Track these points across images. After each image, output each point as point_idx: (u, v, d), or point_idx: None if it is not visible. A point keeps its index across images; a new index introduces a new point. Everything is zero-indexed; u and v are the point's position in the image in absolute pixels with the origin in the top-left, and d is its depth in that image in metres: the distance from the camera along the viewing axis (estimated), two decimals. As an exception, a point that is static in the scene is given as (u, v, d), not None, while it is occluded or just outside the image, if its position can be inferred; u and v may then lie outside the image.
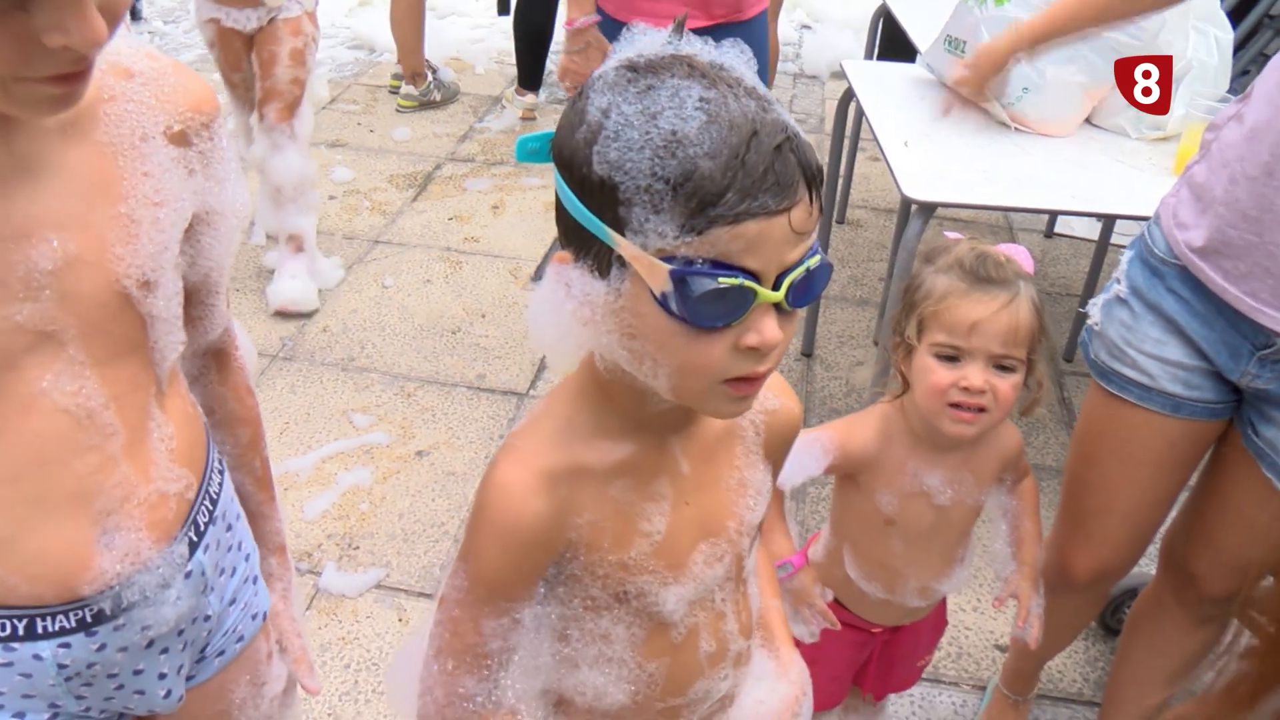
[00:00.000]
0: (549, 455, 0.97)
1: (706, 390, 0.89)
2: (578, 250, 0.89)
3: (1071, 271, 4.11)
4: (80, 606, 1.04)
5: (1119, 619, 2.49)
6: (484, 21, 6.52)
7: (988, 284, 1.51)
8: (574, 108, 0.87)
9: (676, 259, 0.82)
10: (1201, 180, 1.58)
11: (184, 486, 1.11)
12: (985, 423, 1.54)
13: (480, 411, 3.20)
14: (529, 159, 0.94)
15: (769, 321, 0.86)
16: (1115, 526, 1.80)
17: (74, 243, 0.95)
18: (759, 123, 0.82)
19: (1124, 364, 1.69)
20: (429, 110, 5.27)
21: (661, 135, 0.80)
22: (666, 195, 0.80)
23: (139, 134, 1.00)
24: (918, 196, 2.33)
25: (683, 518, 1.04)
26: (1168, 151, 2.59)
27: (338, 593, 2.55)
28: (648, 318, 0.85)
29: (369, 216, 4.28)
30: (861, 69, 3.17)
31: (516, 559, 0.97)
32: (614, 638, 1.06)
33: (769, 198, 0.81)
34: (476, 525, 0.98)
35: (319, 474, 2.92)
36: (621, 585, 1.03)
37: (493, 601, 0.98)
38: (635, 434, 1.00)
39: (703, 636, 1.10)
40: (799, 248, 0.85)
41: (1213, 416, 1.67)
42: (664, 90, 0.82)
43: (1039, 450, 3.15)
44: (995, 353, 1.50)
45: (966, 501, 1.67)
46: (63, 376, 0.97)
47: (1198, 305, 1.60)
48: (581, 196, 0.85)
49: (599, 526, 1.00)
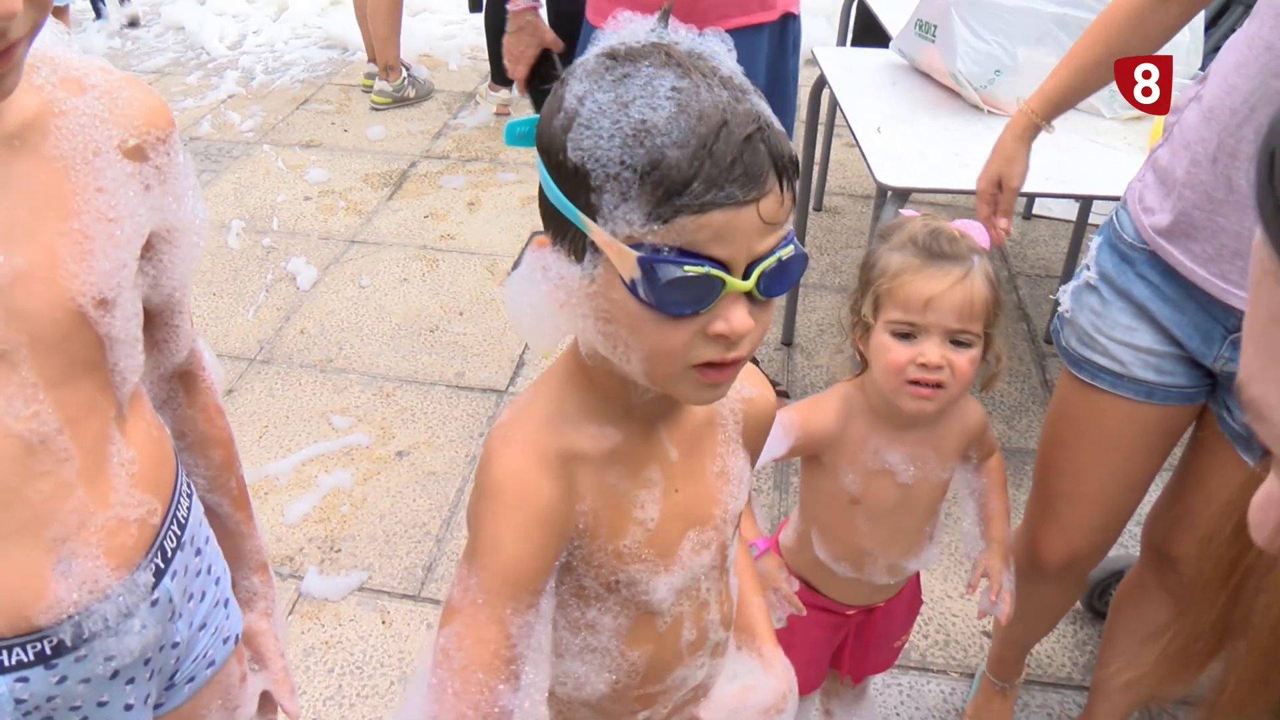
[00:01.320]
0: (546, 441, 0.96)
1: (677, 375, 0.89)
2: (555, 234, 0.90)
3: (1051, 253, 4.11)
4: (38, 638, 1.00)
5: (1106, 602, 2.49)
6: (456, 18, 6.48)
7: (941, 259, 1.51)
8: (555, 94, 0.88)
9: (644, 246, 0.82)
10: (1165, 163, 1.57)
11: (146, 512, 1.08)
12: (943, 398, 1.54)
13: (460, 410, 3.18)
14: (517, 143, 0.95)
15: (738, 310, 0.86)
16: (1086, 512, 1.79)
17: (22, 257, 0.92)
18: (730, 113, 0.82)
19: (1095, 351, 1.68)
20: (403, 108, 5.24)
21: (631, 124, 0.81)
22: (634, 183, 0.81)
23: (91, 148, 0.98)
24: (892, 182, 2.32)
25: (672, 505, 1.04)
26: (1142, 131, 2.59)
27: (320, 596, 2.53)
28: (619, 303, 0.86)
29: (344, 216, 4.25)
30: (833, 56, 3.16)
31: (536, 544, 0.93)
32: (600, 627, 1.05)
33: (736, 188, 0.81)
34: (487, 514, 0.93)
35: (299, 477, 2.90)
36: (614, 574, 1.02)
37: (516, 596, 0.92)
38: (623, 420, 1.00)
39: (685, 625, 1.10)
40: (770, 238, 0.85)
41: (1186, 401, 1.66)
42: (638, 79, 0.83)
43: (1021, 434, 3.14)
44: (951, 328, 1.50)
45: (930, 479, 1.66)
46: (15, 399, 0.94)
47: (1168, 290, 1.59)
48: (558, 182, 0.86)
49: (598, 514, 0.99)
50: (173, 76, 5.62)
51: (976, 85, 2.65)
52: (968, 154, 2.46)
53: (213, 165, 4.61)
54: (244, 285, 3.76)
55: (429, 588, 2.56)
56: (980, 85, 2.65)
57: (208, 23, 6.14)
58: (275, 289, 3.76)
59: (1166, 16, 1.66)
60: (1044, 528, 1.84)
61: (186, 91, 5.41)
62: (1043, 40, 2.55)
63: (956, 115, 2.68)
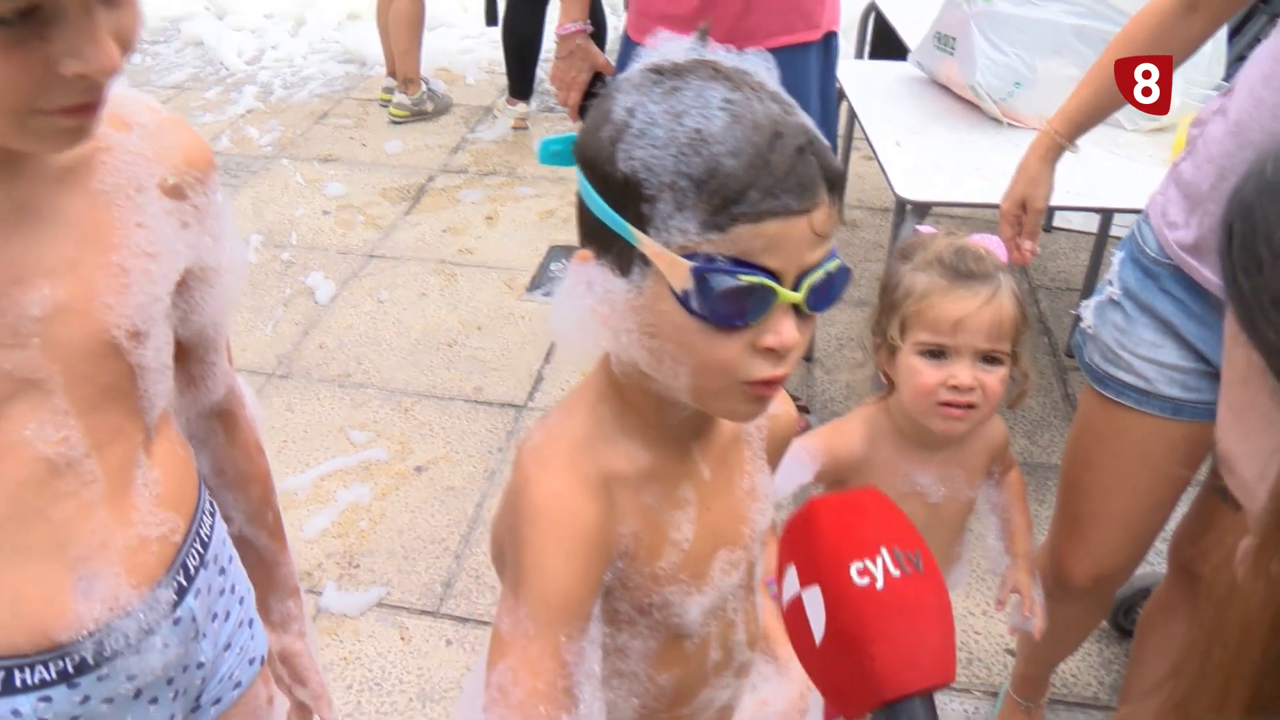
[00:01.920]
0: (584, 463, 0.95)
1: (724, 390, 0.88)
2: (599, 248, 0.89)
3: (1072, 266, 4.08)
4: (60, 655, 1.01)
5: (1131, 620, 2.46)
6: (473, 32, 6.49)
7: (969, 279, 1.49)
8: (599, 108, 0.88)
9: (698, 256, 0.82)
10: (1189, 177, 1.55)
11: (169, 530, 1.08)
12: (975, 419, 1.53)
13: (478, 425, 3.18)
14: (551, 161, 0.94)
15: (788, 322, 0.85)
16: (1112, 531, 1.77)
17: (64, 290, 0.94)
18: (782, 124, 0.82)
19: (1119, 368, 1.66)
20: (421, 122, 5.25)
21: (686, 133, 0.81)
22: (690, 192, 0.81)
23: (134, 185, 1.00)
24: (911, 196, 2.31)
25: (705, 525, 1.03)
26: (1164, 143, 2.57)
27: (338, 612, 2.52)
28: (668, 315, 0.85)
29: (363, 231, 4.26)
30: (851, 69, 3.15)
31: (583, 567, 0.92)
32: (630, 651, 1.03)
33: (791, 198, 0.81)
34: (532, 541, 0.91)
35: (317, 492, 2.90)
36: (648, 597, 1.01)
37: (568, 624, 0.89)
38: (658, 439, 0.99)
39: (713, 646, 1.09)
40: (819, 250, 0.86)
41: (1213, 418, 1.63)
42: (689, 91, 0.83)
43: (1044, 449, 3.12)
44: (981, 348, 1.49)
45: (958, 497, 1.65)
46: (46, 425, 0.96)
47: (1193, 306, 1.57)
48: (604, 194, 0.86)
49: (638, 536, 0.98)
50: (191, 92, 5.64)
51: (996, 98, 2.64)
52: (987, 167, 2.44)
53: (231, 180, 4.63)
54: (262, 300, 3.77)
55: (448, 604, 2.55)
56: (1000, 98, 2.63)
57: (226, 38, 6.17)
58: (293, 303, 3.77)
59: (1191, 30, 1.65)
60: (1070, 547, 1.81)
61: (205, 107, 5.43)
62: (1061, 52, 2.54)
63: (976, 128, 2.67)
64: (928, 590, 0.82)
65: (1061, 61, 2.53)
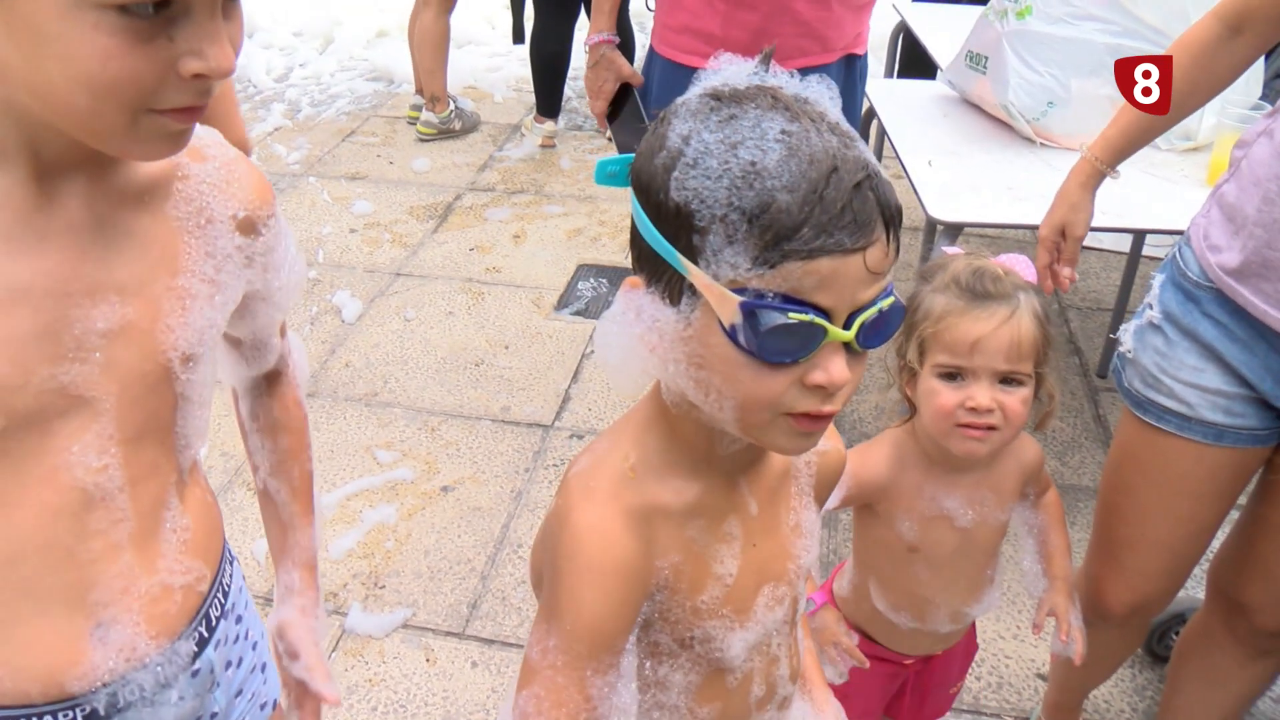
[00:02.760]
0: (627, 495, 0.94)
1: (769, 424, 0.87)
2: (650, 276, 0.88)
3: (1103, 285, 4.05)
4: (70, 706, 0.98)
5: (1166, 645, 2.42)
6: (501, 50, 6.52)
7: (986, 300, 1.48)
8: (655, 133, 0.87)
9: (748, 291, 0.81)
10: (1232, 200, 1.52)
11: (194, 579, 1.07)
12: (996, 441, 1.50)
13: (505, 445, 3.17)
14: (607, 182, 0.94)
15: (837, 360, 0.84)
16: (1152, 559, 1.74)
17: (132, 308, 0.95)
18: (840, 159, 0.80)
19: (1160, 393, 1.63)
20: (448, 140, 5.26)
21: (740, 165, 0.80)
22: (741, 226, 0.79)
23: (206, 215, 1.01)
24: (943, 217, 2.28)
25: (750, 560, 1.02)
26: (1199, 163, 2.54)
27: (364, 633, 2.51)
28: (715, 348, 0.84)
29: (390, 249, 4.27)
30: (882, 88, 3.13)
31: (618, 602, 0.91)
32: (670, 684, 1.02)
33: (845, 235, 0.79)
34: (568, 572, 0.91)
35: (343, 512, 2.89)
36: (689, 630, 1.00)
37: (596, 657, 0.90)
38: (705, 472, 0.98)
39: (755, 681, 1.08)
40: (873, 288, 0.83)
41: (1258, 443, 1.61)
42: (746, 120, 0.82)
43: (1075, 470, 3.08)
44: (1000, 369, 1.47)
45: (989, 521, 1.62)
46: (90, 450, 0.95)
47: (1237, 330, 1.54)
48: (657, 222, 0.85)
49: (679, 569, 0.97)
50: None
51: (1029, 117, 2.61)
52: (1021, 188, 2.42)
53: (260, 198, 4.64)
54: (289, 318, 3.76)
55: (474, 625, 2.54)
56: (1033, 117, 2.61)
57: (255, 56, 6.21)
58: (320, 321, 3.77)
59: (1235, 55, 1.62)
60: (1108, 574, 1.78)
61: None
62: (1096, 71, 2.51)
63: (1008, 148, 2.64)
64: None
65: (1096, 81, 2.51)
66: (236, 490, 2.95)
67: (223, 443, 3.14)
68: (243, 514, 2.86)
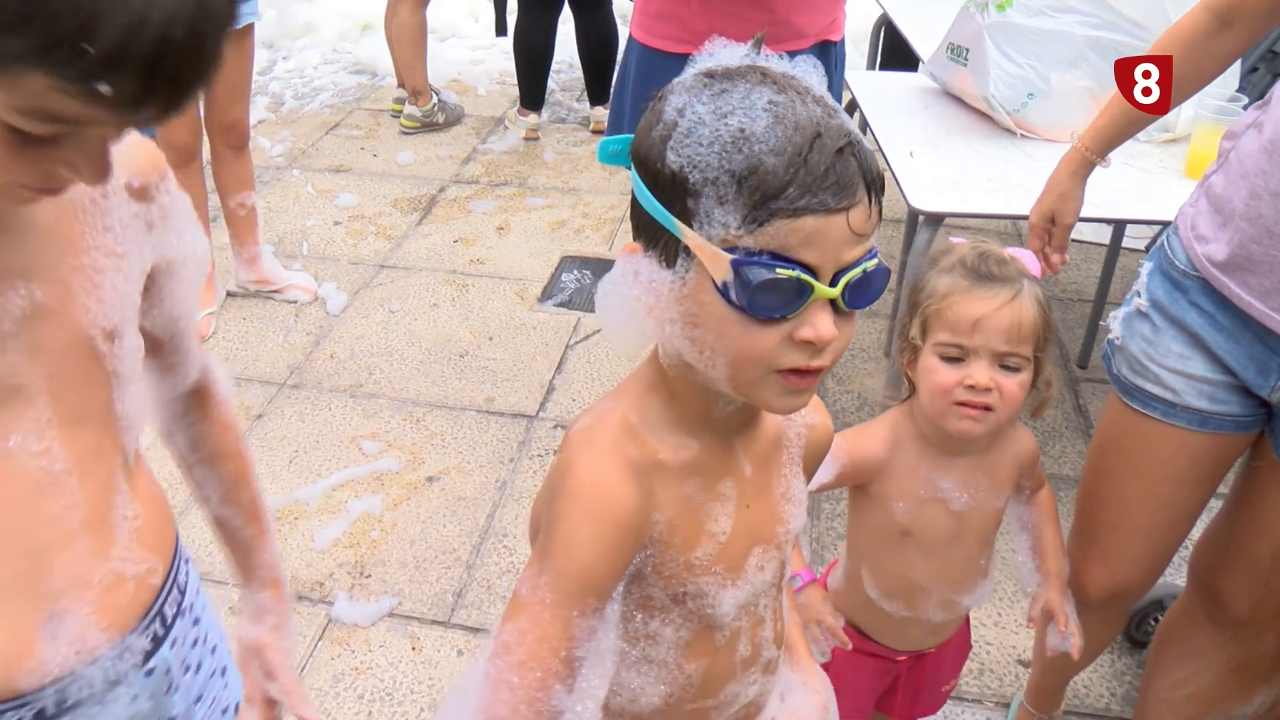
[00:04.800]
0: (628, 447, 0.98)
1: (760, 380, 0.91)
2: (647, 241, 0.93)
3: (1083, 277, 4.07)
4: (18, 705, 0.94)
5: (1145, 631, 2.45)
6: (484, 43, 6.52)
7: (990, 281, 1.50)
8: (653, 109, 0.92)
9: (738, 250, 0.85)
10: (1220, 191, 1.54)
11: (147, 570, 1.04)
12: (991, 422, 1.52)
13: (490, 435, 3.18)
14: (610, 160, 0.99)
15: (824, 317, 0.88)
16: (1132, 544, 1.76)
17: (42, 292, 0.94)
18: (823, 126, 0.85)
19: (1147, 379, 1.65)
20: (432, 133, 5.26)
21: (730, 132, 0.85)
22: (732, 187, 0.84)
23: (99, 190, 0.99)
24: (924, 207, 2.30)
25: (743, 521, 1.06)
26: (1177, 154, 2.56)
27: (350, 622, 2.52)
28: (709, 306, 0.89)
29: (374, 241, 4.27)
30: (864, 80, 3.15)
31: (613, 548, 0.95)
32: (660, 639, 1.06)
33: (829, 195, 0.84)
34: (566, 516, 0.94)
35: (329, 502, 2.90)
36: (683, 586, 1.03)
37: (584, 599, 0.93)
38: (703, 432, 1.02)
39: (742, 641, 1.12)
40: (857, 248, 0.88)
41: (1240, 430, 1.63)
42: (736, 93, 0.87)
43: (1055, 459, 3.11)
44: (999, 350, 1.49)
45: (984, 506, 1.64)
46: (29, 435, 0.93)
47: (1222, 319, 1.56)
48: (654, 190, 0.90)
49: (673, 524, 1.00)
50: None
51: (1009, 109, 2.63)
52: (1001, 178, 2.44)
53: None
54: (274, 310, 3.77)
55: (459, 614, 2.55)
56: (1013, 109, 2.63)
57: (239, 49, 6.18)
58: (305, 314, 3.77)
59: (1224, 47, 1.64)
60: (1088, 560, 1.80)
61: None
62: (1076, 64, 2.53)
63: (989, 139, 2.66)
64: None
65: (1075, 73, 2.53)
66: (222, 481, 2.95)
67: (207, 434, 3.13)
68: (228, 505, 2.86)
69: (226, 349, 3.56)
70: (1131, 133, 1.82)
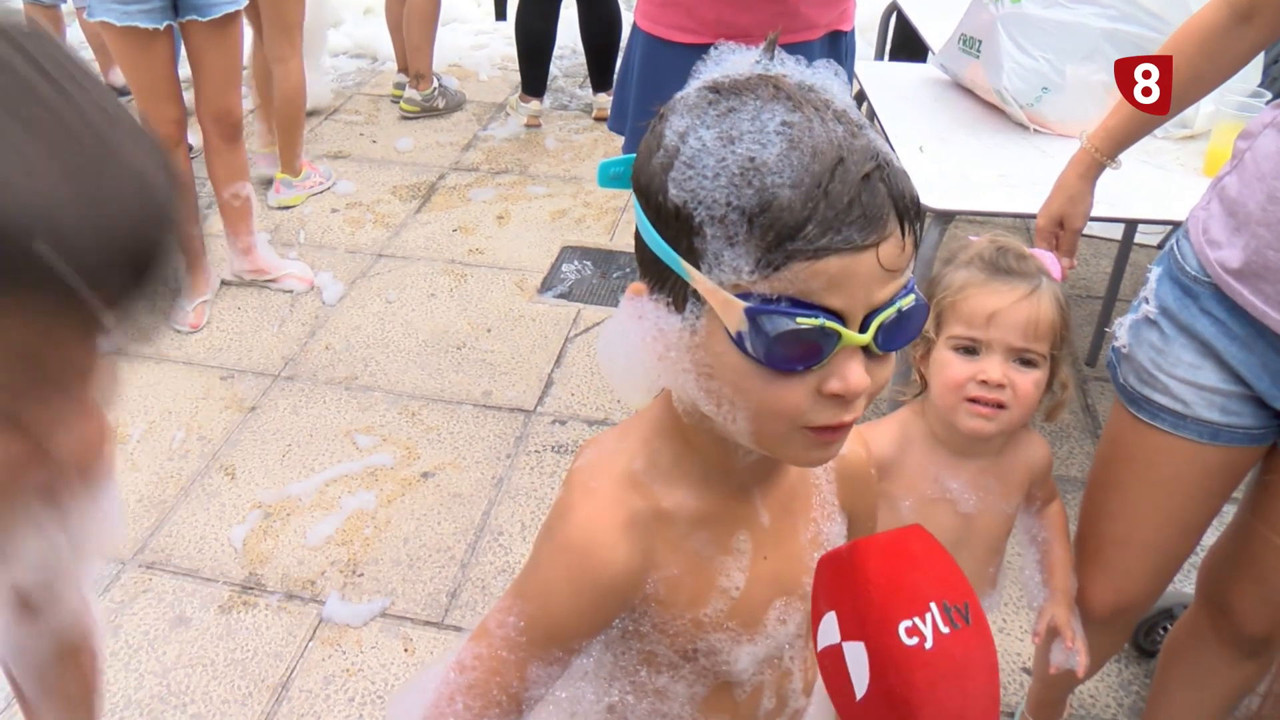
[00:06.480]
0: (631, 499, 0.91)
1: (786, 436, 0.82)
2: (653, 282, 0.84)
3: (1093, 272, 4.01)
4: None
5: (1154, 640, 2.40)
6: (486, 28, 6.44)
7: (1008, 274, 1.46)
8: (653, 130, 0.82)
9: (753, 296, 0.76)
10: (1234, 194, 1.47)
11: None
12: (1004, 420, 1.47)
13: (487, 430, 3.12)
14: (610, 184, 0.91)
15: (855, 366, 0.79)
16: (1138, 559, 1.70)
17: None
18: (846, 149, 0.75)
19: (1155, 390, 1.59)
20: (432, 119, 5.19)
21: (739, 162, 0.75)
22: (742, 226, 0.74)
23: None
24: (934, 205, 2.24)
25: (760, 573, 0.98)
26: (1196, 151, 2.49)
27: (341, 622, 2.47)
28: (724, 357, 0.79)
29: (372, 230, 4.20)
30: (872, 70, 3.08)
31: (589, 609, 0.91)
32: (671, 694, 0.99)
33: (854, 231, 0.74)
34: (547, 566, 0.91)
35: (322, 498, 2.84)
36: (692, 643, 0.96)
37: (548, 649, 0.90)
38: (717, 483, 0.94)
39: (765, 694, 1.05)
40: (890, 286, 0.78)
41: (1253, 443, 1.57)
42: (744, 113, 0.77)
43: (1063, 460, 3.05)
44: (1015, 345, 1.45)
45: (993, 510, 1.59)
46: None
47: (1235, 328, 1.49)
48: (657, 226, 0.80)
49: (676, 581, 0.93)
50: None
51: (1023, 103, 2.57)
52: (1013, 175, 2.38)
53: (240, 176, 4.57)
54: (269, 300, 3.72)
55: (453, 615, 2.50)
56: (1026, 103, 2.56)
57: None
58: (300, 303, 3.71)
59: (1243, 43, 1.57)
60: (1093, 574, 1.74)
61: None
62: (1092, 57, 2.47)
63: (1001, 134, 2.60)
64: (976, 647, 0.79)
65: (1092, 67, 2.46)
66: (214, 475, 2.90)
67: (200, 426, 3.09)
68: (219, 499, 2.81)
69: (220, 339, 3.50)
70: (1143, 133, 1.75)
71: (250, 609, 2.50)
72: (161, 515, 2.76)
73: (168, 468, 2.93)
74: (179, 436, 3.04)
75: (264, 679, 2.32)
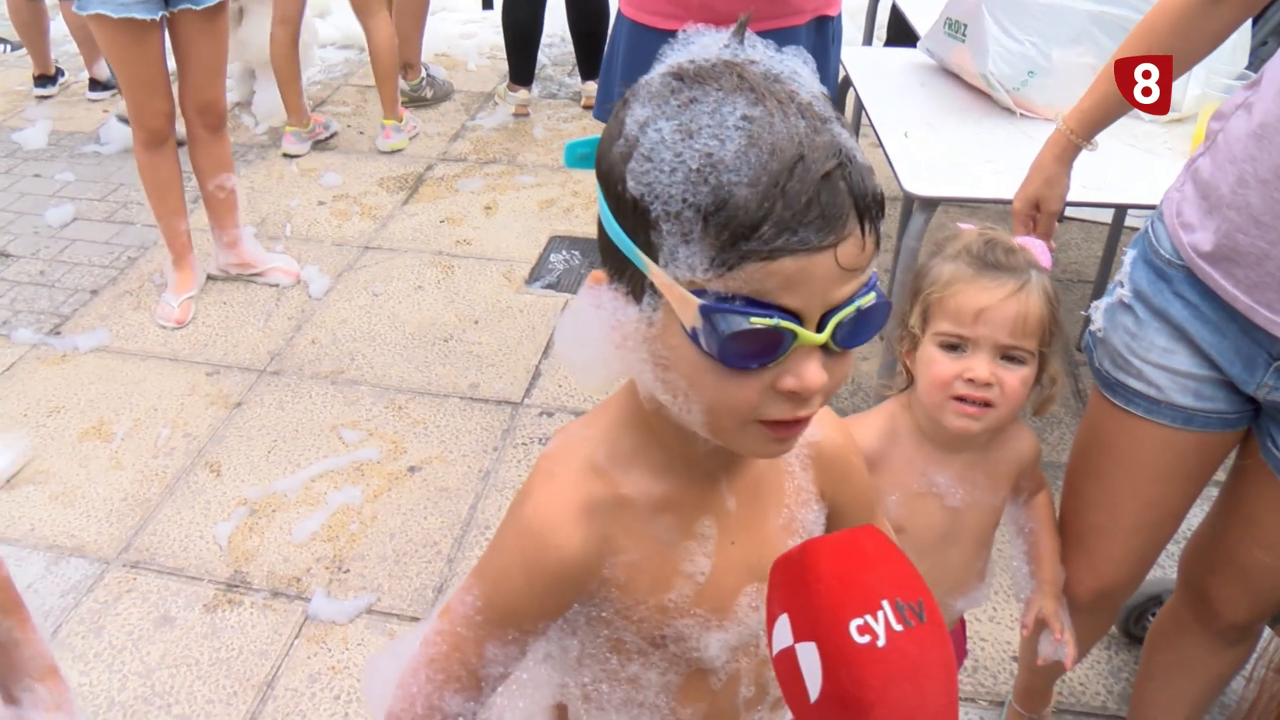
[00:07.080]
0: (590, 485, 0.92)
1: (739, 429, 0.82)
2: (612, 271, 0.83)
3: (1083, 256, 3.99)
4: None
5: (1142, 627, 2.38)
6: (475, 17, 6.40)
7: (996, 270, 1.43)
8: (616, 117, 0.80)
9: (708, 293, 0.75)
10: (1207, 176, 1.45)
11: None
12: (992, 419, 1.45)
13: (474, 423, 3.10)
14: (578, 165, 0.89)
15: (811, 364, 0.78)
16: (1118, 545, 1.68)
17: None
18: (806, 146, 0.73)
19: (1129, 374, 1.57)
20: (420, 109, 5.16)
21: (696, 157, 0.73)
22: (697, 224, 0.73)
23: None
24: (919, 191, 2.22)
25: (729, 559, 0.98)
26: (1183, 134, 2.47)
27: (327, 619, 2.45)
28: (679, 350, 0.79)
29: (359, 222, 4.17)
30: (858, 56, 3.06)
31: (542, 593, 0.92)
32: (645, 683, 1.00)
33: (811, 232, 0.73)
34: (505, 549, 0.92)
35: (308, 494, 2.82)
36: (659, 629, 0.96)
37: (503, 629, 0.92)
38: (680, 470, 0.94)
39: (743, 682, 1.04)
40: (848, 285, 0.77)
41: (1227, 427, 1.55)
42: (705, 105, 0.75)
43: (1053, 447, 3.03)
44: (1002, 343, 1.43)
45: (980, 504, 1.57)
46: None
47: (1208, 312, 1.47)
48: (617, 215, 0.79)
49: (637, 567, 0.93)
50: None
51: (1009, 87, 2.54)
52: (1000, 160, 2.35)
53: (226, 169, 4.54)
54: (255, 294, 3.69)
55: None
56: (1013, 87, 2.54)
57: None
58: (287, 297, 3.69)
59: (1217, 22, 1.55)
60: (1074, 561, 1.73)
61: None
62: (1079, 40, 2.44)
63: (987, 118, 2.57)
64: (931, 645, 0.78)
65: (1078, 50, 2.44)
66: (199, 472, 2.88)
67: (185, 423, 3.06)
68: (204, 496, 2.79)
69: (205, 335, 3.48)
70: (1119, 114, 1.72)
71: (235, 607, 2.48)
72: (146, 514, 2.74)
73: (152, 465, 2.91)
74: (164, 433, 3.02)
75: (249, 678, 2.31)
